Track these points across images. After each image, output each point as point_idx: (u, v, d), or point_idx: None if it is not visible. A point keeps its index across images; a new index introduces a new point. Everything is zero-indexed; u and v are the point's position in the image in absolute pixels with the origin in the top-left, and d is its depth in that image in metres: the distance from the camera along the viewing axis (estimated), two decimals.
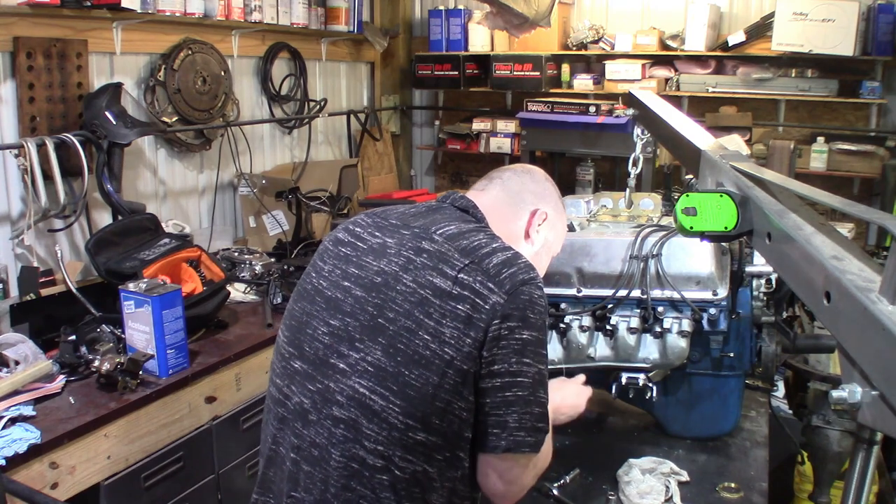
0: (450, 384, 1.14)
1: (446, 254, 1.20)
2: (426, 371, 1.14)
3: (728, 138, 2.55)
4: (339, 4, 4.07)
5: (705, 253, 1.67)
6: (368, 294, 1.21)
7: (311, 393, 1.22)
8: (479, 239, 1.23)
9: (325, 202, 3.49)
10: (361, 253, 1.27)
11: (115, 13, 2.77)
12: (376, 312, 1.19)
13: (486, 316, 1.14)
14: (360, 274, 1.24)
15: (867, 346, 0.71)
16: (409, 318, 1.17)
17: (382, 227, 1.31)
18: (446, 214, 1.32)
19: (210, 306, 2.54)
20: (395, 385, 1.15)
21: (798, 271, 0.87)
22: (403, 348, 1.16)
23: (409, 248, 1.23)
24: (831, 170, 3.69)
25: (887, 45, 3.49)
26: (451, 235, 1.24)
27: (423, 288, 1.18)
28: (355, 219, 1.38)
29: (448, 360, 1.14)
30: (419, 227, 1.27)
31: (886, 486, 2.32)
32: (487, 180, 1.44)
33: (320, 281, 1.29)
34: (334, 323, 1.23)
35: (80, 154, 2.55)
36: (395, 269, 1.21)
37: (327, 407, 1.20)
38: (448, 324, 1.15)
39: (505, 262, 1.19)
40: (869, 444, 1.05)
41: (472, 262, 1.18)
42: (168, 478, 2.21)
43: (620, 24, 4.27)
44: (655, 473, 1.62)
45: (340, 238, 1.33)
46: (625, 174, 2.06)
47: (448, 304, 1.15)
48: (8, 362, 2.10)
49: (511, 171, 1.45)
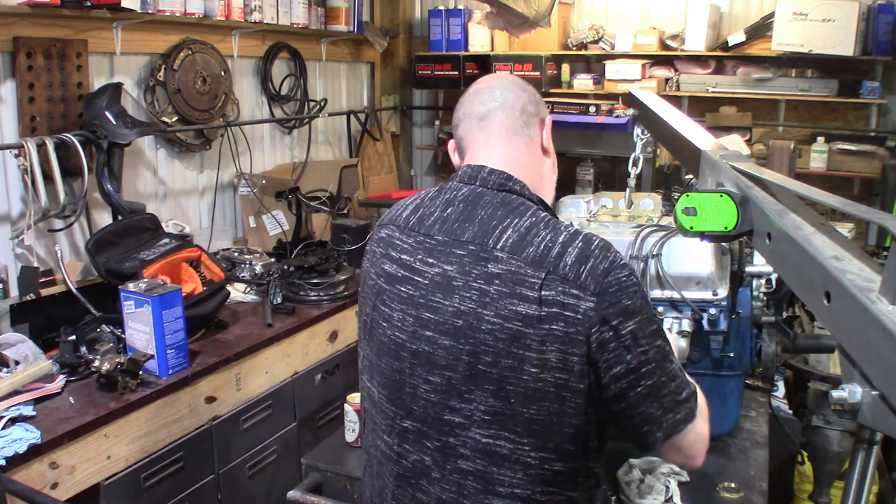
0: (572, 407, 1.10)
1: (518, 273, 1.10)
2: (544, 402, 1.09)
3: (728, 138, 2.55)
4: (339, 4, 4.06)
5: (705, 253, 1.67)
6: (457, 342, 1.13)
7: (430, 451, 1.18)
8: (543, 236, 1.13)
9: (325, 202, 3.49)
10: (426, 291, 1.18)
11: (115, 13, 2.77)
12: (473, 360, 1.12)
13: (583, 327, 1.07)
14: (437, 319, 1.15)
15: (867, 346, 0.71)
16: (507, 357, 1.09)
17: (431, 249, 1.20)
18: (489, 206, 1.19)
19: (210, 306, 2.54)
20: (517, 426, 1.10)
21: (798, 271, 0.87)
22: (513, 388, 1.09)
23: (475, 276, 1.13)
24: (831, 170, 3.69)
25: (887, 45, 3.49)
26: (513, 247, 1.13)
27: (509, 321, 1.09)
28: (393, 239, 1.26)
29: (562, 385, 1.09)
30: (473, 241, 1.16)
31: (886, 486, 2.32)
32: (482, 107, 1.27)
33: (396, 333, 1.21)
34: (434, 380, 1.16)
35: (80, 154, 2.55)
36: (472, 307, 1.12)
37: (451, 462, 1.15)
38: (549, 348, 1.08)
39: (578, 258, 1.10)
40: (869, 444, 1.05)
41: (547, 273, 1.09)
42: (168, 478, 2.21)
43: (620, 24, 4.27)
44: (655, 473, 1.62)
45: (392, 273, 1.23)
46: (625, 174, 2.06)
47: (542, 329, 1.08)
48: (8, 362, 2.10)
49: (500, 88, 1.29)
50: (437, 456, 1.17)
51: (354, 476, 1.76)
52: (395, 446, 1.23)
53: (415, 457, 1.20)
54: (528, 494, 1.13)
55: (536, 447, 1.11)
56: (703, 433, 1.19)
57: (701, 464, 1.21)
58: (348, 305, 3.07)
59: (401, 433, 1.22)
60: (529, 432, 1.10)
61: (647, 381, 1.11)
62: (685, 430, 1.15)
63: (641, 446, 1.18)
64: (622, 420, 1.14)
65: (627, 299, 1.10)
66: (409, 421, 1.20)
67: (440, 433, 1.16)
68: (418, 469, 1.20)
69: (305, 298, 2.99)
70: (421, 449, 1.19)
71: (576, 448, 1.13)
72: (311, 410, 2.86)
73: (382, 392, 1.25)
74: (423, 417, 1.18)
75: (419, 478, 1.20)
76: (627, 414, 1.13)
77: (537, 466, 1.11)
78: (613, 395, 1.11)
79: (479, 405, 1.12)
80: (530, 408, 1.09)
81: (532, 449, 1.11)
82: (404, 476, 1.22)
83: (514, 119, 1.28)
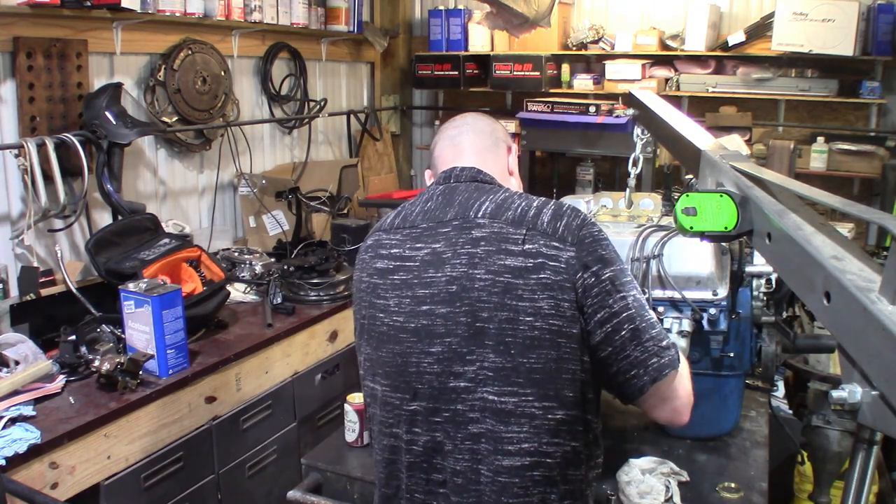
0: (567, 352, 1.16)
1: (500, 232, 1.20)
2: (542, 350, 1.15)
3: (728, 138, 2.55)
4: (339, 4, 4.06)
5: (705, 253, 1.67)
6: (453, 307, 1.19)
7: (440, 425, 1.21)
8: (517, 203, 1.24)
9: (325, 202, 3.49)
10: (417, 271, 1.24)
11: (115, 13, 2.77)
12: (470, 320, 1.18)
13: (568, 274, 1.16)
14: (431, 292, 1.22)
15: (867, 346, 0.71)
16: (502, 309, 1.16)
17: (417, 235, 1.28)
18: (465, 191, 1.30)
19: (210, 306, 2.54)
20: (519, 377, 1.16)
21: (798, 271, 0.87)
22: (511, 339, 1.15)
23: (462, 243, 1.22)
24: (831, 170, 3.69)
25: (887, 45, 3.49)
26: (492, 213, 1.23)
27: (499, 275, 1.17)
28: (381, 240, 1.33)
29: (556, 331, 1.15)
30: (455, 217, 1.25)
31: (886, 486, 2.32)
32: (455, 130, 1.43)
33: (394, 318, 1.25)
34: (435, 349, 1.20)
35: (80, 154, 2.55)
36: (464, 270, 1.19)
37: (462, 429, 1.19)
38: (540, 296, 1.15)
39: (552, 216, 1.21)
40: (869, 444, 1.05)
41: (527, 230, 1.19)
42: (168, 478, 2.21)
43: (620, 24, 4.27)
44: (655, 473, 1.62)
45: (384, 267, 1.29)
46: (625, 174, 2.06)
47: (530, 279, 1.15)
48: (8, 362, 2.10)
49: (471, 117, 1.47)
50: (447, 427, 1.20)
51: (354, 476, 1.76)
52: (404, 435, 1.25)
53: (425, 437, 1.23)
54: (534, 447, 1.17)
55: (539, 396, 1.16)
56: (688, 387, 1.26)
57: (687, 420, 1.26)
58: (348, 305, 3.07)
59: (408, 419, 1.24)
60: (531, 382, 1.15)
61: (629, 324, 1.18)
62: (669, 375, 1.20)
63: (630, 394, 1.21)
64: (609, 367, 1.20)
65: (602, 249, 1.20)
66: (415, 403, 1.23)
67: (448, 402, 1.20)
68: (429, 448, 1.22)
69: (305, 298, 2.99)
70: (430, 427, 1.22)
71: (574, 395, 1.18)
72: (311, 410, 2.86)
73: (385, 383, 1.27)
74: (429, 393, 1.21)
75: (432, 457, 1.22)
76: (614, 359, 1.18)
77: (541, 416, 1.16)
78: (599, 340, 1.18)
79: (483, 363, 1.17)
80: (529, 357, 1.15)
81: (535, 399, 1.16)
82: (416, 463, 1.24)
83: (482, 139, 1.42)
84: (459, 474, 1.19)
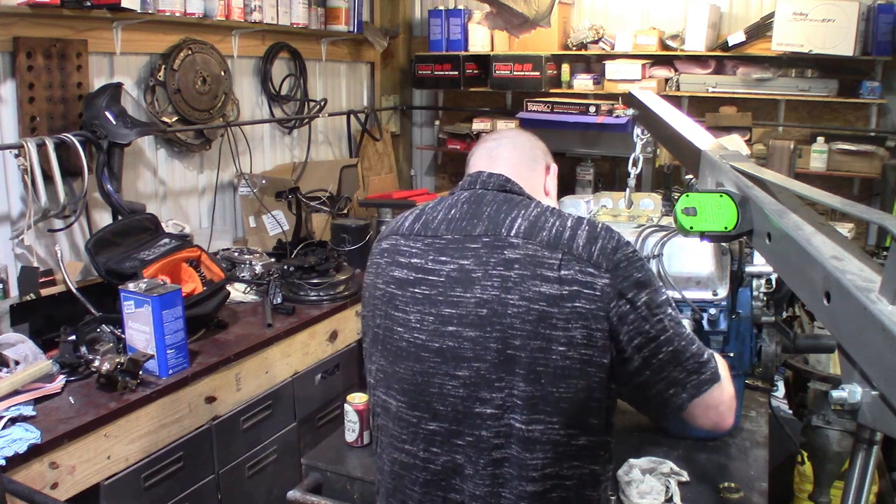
0: (596, 381, 1.14)
1: (536, 255, 1.15)
2: (572, 380, 1.12)
3: (728, 138, 2.55)
4: (339, 4, 4.06)
5: (705, 253, 1.67)
6: (483, 331, 1.15)
7: (461, 448, 1.18)
8: (550, 221, 1.19)
9: (325, 202, 3.49)
10: (443, 287, 1.19)
11: (115, 13, 2.77)
12: (501, 346, 1.14)
13: (602, 303, 1.12)
14: (459, 313, 1.17)
15: (867, 346, 0.71)
16: (535, 338, 1.12)
17: (441, 248, 1.22)
18: (493, 203, 1.25)
19: (210, 306, 2.54)
20: (548, 406, 1.13)
21: (798, 271, 0.87)
22: (543, 369, 1.12)
23: (494, 263, 1.16)
24: (831, 170, 3.69)
25: (887, 45, 3.49)
26: (526, 232, 1.18)
27: (534, 302, 1.12)
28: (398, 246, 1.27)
29: (587, 360, 1.12)
30: (485, 234, 1.20)
31: (886, 486, 2.32)
32: (494, 142, 1.39)
33: (415, 335, 1.21)
34: (462, 374, 1.17)
35: (80, 154, 2.55)
36: (496, 294, 1.14)
37: (485, 455, 1.17)
38: (574, 325, 1.12)
39: (588, 238, 1.16)
40: (869, 444, 1.05)
41: (563, 254, 1.14)
42: (168, 478, 2.21)
43: (620, 24, 4.27)
44: (655, 473, 1.63)
45: (403, 278, 1.23)
46: (625, 174, 2.06)
47: (565, 308, 1.12)
48: (8, 362, 2.10)
49: (513, 132, 1.44)
50: (469, 452, 1.18)
51: (354, 476, 1.76)
52: (420, 453, 1.22)
53: (444, 458, 1.20)
54: (556, 471, 1.15)
55: (564, 424, 1.14)
56: (730, 392, 1.22)
57: (731, 424, 1.23)
58: (348, 305, 3.07)
59: (426, 438, 1.22)
60: (559, 411, 1.13)
61: (668, 347, 1.15)
62: (711, 390, 1.17)
63: (668, 412, 1.19)
64: (647, 389, 1.17)
65: (637, 272, 1.16)
66: (434, 423, 1.20)
67: (471, 427, 1.17)
68: (449, 469, 1.20)
69: (305, 298, 2.99)
70: (451, 449, 1.19)
71: (598, 422, 1.17)
72: (311, 410, 2.86)
73: (402, 399, 1.24)
74: (452, 416, 1.18)
75: (451, 478, 1.20)
76: (652, 381, 1.16)
77: (565, 444, 1.15)
78: (637, 365, 1.15)
79: (512, 391, 1.14)
80: (559, 386, 1.13)
81: (561, 427, 1.14)
82: (433, 481, 1.22)
83: (521, 153, 1.37)
84: (479, 498, 1.17)
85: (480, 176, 1.31)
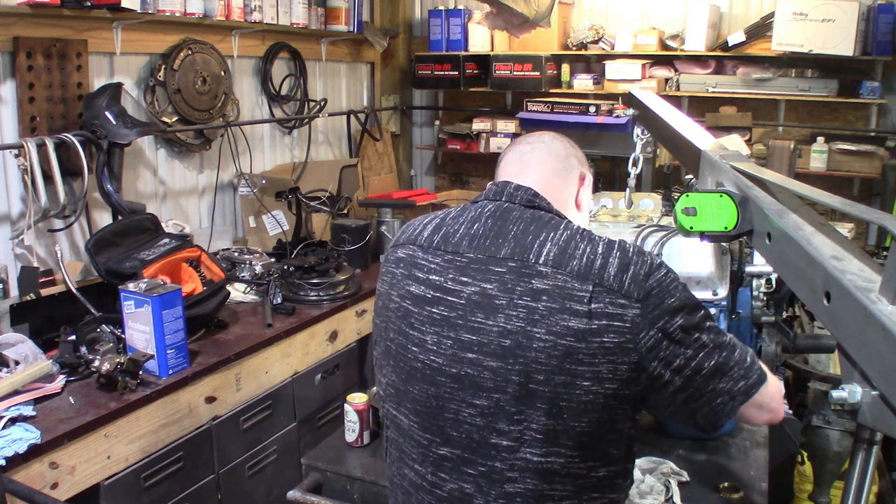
0: (618, 414, 1.10)
1: (565, 287, 1.09)
2: (594, 414, 1.09)
3: (728, 138, 2.55)
4: (339, 4, 4.06)
5: (705, 253, 1.67)
6: (505, 363, 1.09)
7: (472, 477, 1.14)
8: (583, 248, 1.12)
9: (325, 202, 3.49)
10: (463, 311, 1.13)
11: (115, 13, 2.77)
12: (524, 380, 1.09)
13: (632, 335, 1.07)
14: (480, 340, 1.11)
15: (867, 346, 0.71)
16: (560, 373, 1.07)
17: (463, 267, 1.16)
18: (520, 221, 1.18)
19: (210, 306, 2.54)
20: (568, 440, 1.10)
21: (798, 271, 0.87)
22: (566, 405, 1.08)
23: (521, 293, 1.10)
24: (831, 170, 3.69)
25: (887, 45, 3.49)
26: (556, 260, 1.11)
27: (561, 337, 1.07)
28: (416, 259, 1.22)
29: (611, 394, 1.08)
30: (511, 257, 1.13)
31: (886, 486, 2.31)
32: (528, 146, 1.33)
33: (431, 357, 1.16)
34: (480, 403, 1.12)
35: (80, 154, 2.55)
36: (521, 325, 1.09)
37: (497, 487, 1.13)
38: (601, 360, 1.07)
39: (620, 267, 1.10)
40: (869, 444, 1.05)
41: (594, 285, 1.08)
42: (168, 478, 2.21)
43: (620, 24, 4.27)
44: (655, 473, 1.63)
45: (420, 295, 1.18)
46: (625, 174, 2.06)
47: (593, 343, 1.07)
48: (8, 362, 2.10)
49: (549, 136, 1.36)
50: (481, 482, 1.14)
51: (354, 476, 1.76)
52: (428, 475, 1.20)
53: (452, 485, 1.17)
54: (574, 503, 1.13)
55: (585, 457, 1.11)
56: (776, 385, 1.19)
57: (783, 415, 1.20)
58: (348, 305, 3.07)
59: (436, 461, 1.18)
60: (579, 445, 1.10)
61: (709, 362, 1.11)
62: (759, 391, 1.15)
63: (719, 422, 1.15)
64: (692, 403, 1.13)
65: (669, 297, 1.10)
66: (446, 448, 1.17)
67: (485, 458, 1.13)
68: (456, 497, 1.16)
69: (305, 298, 2.99)
70: (460, 476, 1.16)
71: (618, 452, 1.14)
72: (311, 410, 2.86)
73: (414, 420, 1.20)
74: (466, 443, 1.14)
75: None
76: (697, 395, 1.12)
77: (585, 476, 1.12)
78: (679, 385, 1.11)
79: (530, 424, 1.09)
80: (581, 420, 1.09)
81: (581, 460, 1.11)
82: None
83: (554, 161, 1.31)
84: None
85: (507, 188, 1.24)
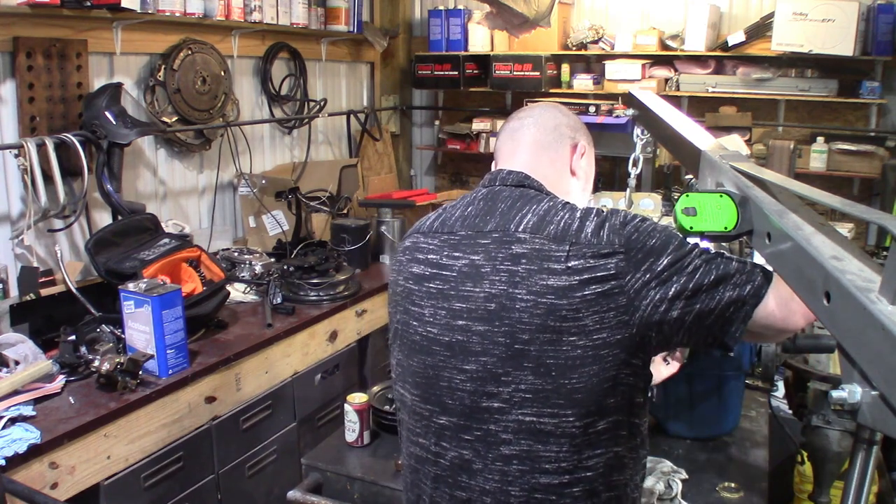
0: (610, 362, 1.10)
1: (542, 249, 1.13)
2: (583, 368, 1.10)
3: (728, 138, 2.54)
4: (339, 4, 4.06)
5: None
6: (491, 325, 1.14)
7: (469, 443, 1.18)
8: (560, 214, 1.17)
9: (325, 202, 3.49)
10: (455, 283, 1.20)
11: (115, 13, 2.77)
12: (509, 341, 1.13)
13: (619, 280, 1.09)
14: (468, 307, 1.17)
15: (867, 346, 0.71)
16: (545, 331, 1.10)
17: (456, 244, 1.23)
18: (508, 199, 1.24)
19: (210, 306, 2.54)
20: (560, 399, 1.11)
21: (798, 271, 0.87)
22: (553, 362, 1.11)
23: (502, 259, 1.16)
24: (831, 170, 3.69)
25: (887, 45, 3.49)
26: (534, 227, 1.16)
27: (541, 296, 1.11)
28: (418, 243, 1.29)
29: (600, 344, 1.10)
30: (495, 229, 1.20)
31: (886, 486, 2.31)
32: (518, 122, 1.37)
33: (428, 328, 1.22)
34: (470, 367, 1.17)
35: (79, 154, 2.55)
36: (503, 288, 1.14)
37: (493, 450, 1.16)
38: (585, 314, 1.09)
39: (597, 224, 1.14)
40: (869, 444, 1.05)
41: (570, 245, 1.12)
42: (168, 478, 2.21)
43: (620, 24, 4.27)
44: (655, 473, 1.63)
45: (420, 273, 1.25)
46: (625, 174, 2.06)
47: (574, 298, 1.09)
48: (8, 362, 2.10)
49: (540, 108, 1.40)
50: (477, 446, 1.17)
51: (354, 476, 1.76)
52: (431, 447, 1.23)
53: (453, 453, 1.20)
54: (573, 465, 1.13)
55: (580, 414, 1.12)
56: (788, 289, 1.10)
57: (801, 323, 1.14)
58: (348, 305, 3.07)
59: (437, 432, 1.22)
60: (572, 402, 1.11)
61: (708, 278, 1.10)
62: (769, 292, 1.11)
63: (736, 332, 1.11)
64: (704, 321, 1.11)
65: (650, 239, 1.12)
66: (444, 417, 1.21)
67: (480, 422, 1.17)
68: (456, 465, 1.20)
69: (305, 298, 2.99)
70: (459, 444, 1.19)
71: (616, 401, 1.13)
72: (311, 410, 2.86)
73: (415, 393, 1.25)
74: (460, 410, 1.18)
75: (458, 474, 1.20)
76: (707, 312, 1.10)
77: (581, 434, 1.13)
78: (683, 306, 1.10)
79: (519, 385, 1.13)
80: (571, 377, 1.10)
81: (576, 417, 1.12)
82: (441, 476, 1.22)
83: (543, 134, 1.35)
84: (489, 493, 1.17)
85: (500, 174, 1.31)
